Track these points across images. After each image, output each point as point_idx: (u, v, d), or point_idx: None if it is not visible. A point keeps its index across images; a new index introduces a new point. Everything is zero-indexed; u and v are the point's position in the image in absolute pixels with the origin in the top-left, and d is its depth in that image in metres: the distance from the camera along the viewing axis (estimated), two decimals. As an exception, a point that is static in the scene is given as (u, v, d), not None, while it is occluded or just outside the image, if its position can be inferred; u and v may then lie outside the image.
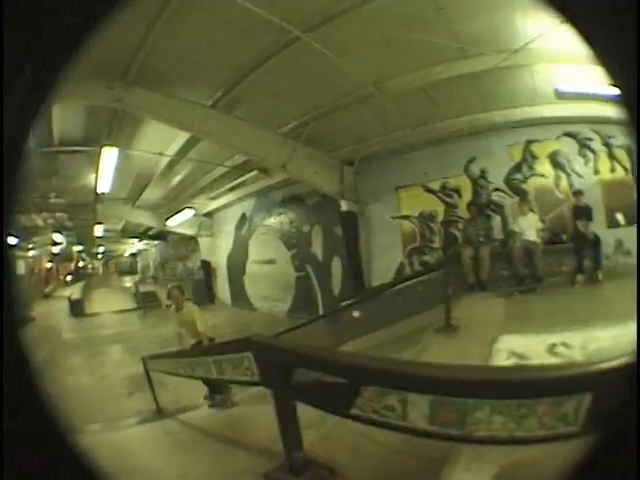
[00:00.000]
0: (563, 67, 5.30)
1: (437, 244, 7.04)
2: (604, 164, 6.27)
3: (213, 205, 11.70)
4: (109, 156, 7.19)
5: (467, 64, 5.40)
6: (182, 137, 7.26)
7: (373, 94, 5.96)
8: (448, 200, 6.96)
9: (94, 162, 7.54)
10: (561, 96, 5.78)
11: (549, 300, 5.31)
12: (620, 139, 5.98)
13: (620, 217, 6.13)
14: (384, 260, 7.30)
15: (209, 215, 12.23)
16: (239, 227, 11.10)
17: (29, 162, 0.85)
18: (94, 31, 0.84)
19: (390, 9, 4.52)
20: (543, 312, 4.75)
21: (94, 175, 8.12)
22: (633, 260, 5.77)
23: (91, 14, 0.84)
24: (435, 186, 7.00)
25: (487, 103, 6.06)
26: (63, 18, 0.81)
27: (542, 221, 6.29)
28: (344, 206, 7.40)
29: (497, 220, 6.63)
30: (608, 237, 5.98)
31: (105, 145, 6.97)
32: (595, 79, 5.28)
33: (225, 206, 11.34)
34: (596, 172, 6.32)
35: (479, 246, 6.25)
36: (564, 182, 6.42)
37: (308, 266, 8.92)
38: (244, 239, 10.89)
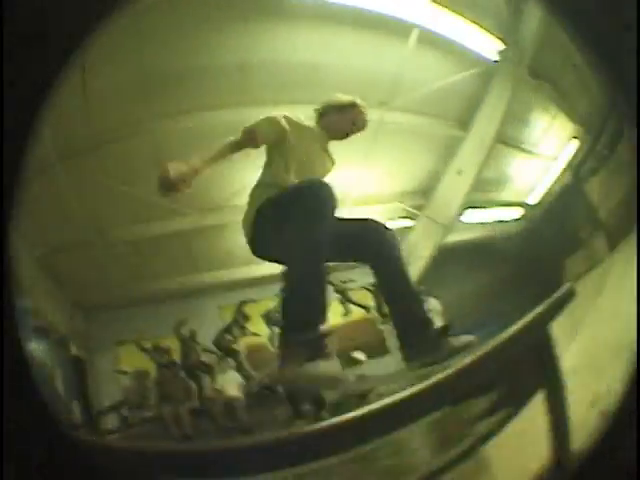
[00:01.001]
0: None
1: (152, 401, 5.90)
2: (334, 311, 6.39)
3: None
4: None
5: (177, 223, 6.18)
6: None
7: (95, 241, 6.19)
8: (159, 359, 6.33)
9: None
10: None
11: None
12: (361, 280, 6.25)
13: (359, 355, 5.95)
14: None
15: None
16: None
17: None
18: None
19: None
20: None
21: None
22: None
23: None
24: (147, 345, 6.48)
25: (198, 263, 6.52)
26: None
27: (247, 377, 5.81)
28: (73, 350, 6.21)
29: (207, 379, 5.96)
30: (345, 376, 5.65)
31: None
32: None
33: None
34: (323, 322, 6.48)
35: (178, 405, 5.46)
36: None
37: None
38: None
